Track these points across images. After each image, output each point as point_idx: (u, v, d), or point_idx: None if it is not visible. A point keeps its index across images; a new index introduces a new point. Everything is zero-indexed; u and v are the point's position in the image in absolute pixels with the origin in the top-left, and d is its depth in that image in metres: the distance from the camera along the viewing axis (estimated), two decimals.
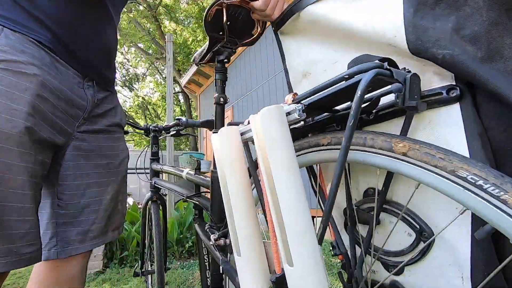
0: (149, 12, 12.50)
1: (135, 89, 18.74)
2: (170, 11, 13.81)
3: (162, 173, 1.35)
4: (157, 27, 13.14)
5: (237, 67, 6.05)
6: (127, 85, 18.12)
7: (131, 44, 14.82)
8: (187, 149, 15.96)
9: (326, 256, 2.79)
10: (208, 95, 7.52)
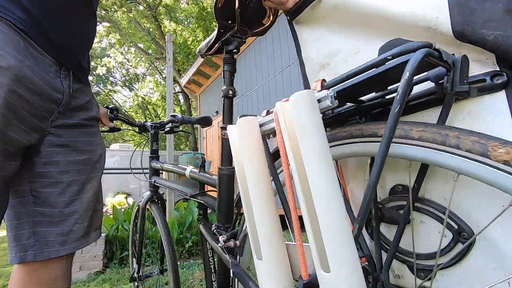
0: (149, 12, 12.44)
1: (135, 89, 18.68)
2: (170, 11, 13.76)
3: (163, 171, 1.30)
4: (157, 27, 13.08)
5: (236, 68, 6.01)
6: (127, 85, 18.06)
7: (131, 44, 14.76)
8: (187, 149, 15.90)
9: None
10: (208, 95, 7.47)
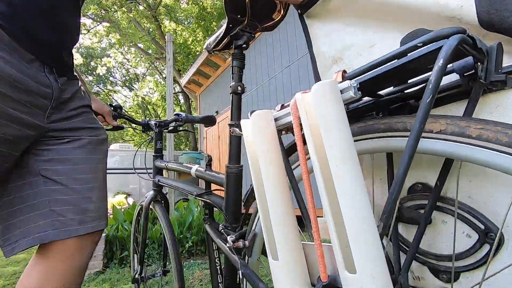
0: (149, 12, 12.42)
1: (135, 89, 18.64)
2: (170, 11, 13.73)
3: (167, 170, 1.28)
4: (157, 27, 13.05)
5: None
6: (127, 85, 18.02)
7: (131, 44, 14.73)
8: (187, 149, 15.86)
9: None
10: (208, 95, 7.45)
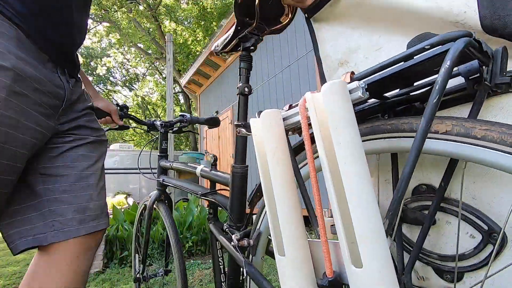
0: (149, 12, 12.43)
1: (135, 89, 18.65)
2: (170, 11, 13.75)
3: (172, 170, 1.29)
4: (157, 27, 13.07)
5: (236, 67, 6.00)
6: (127, 85, 18.01)
7: (131, 44, 14.73)
8: (187, 149, 15.87)
9: None
10: (209, 95, 7.45)
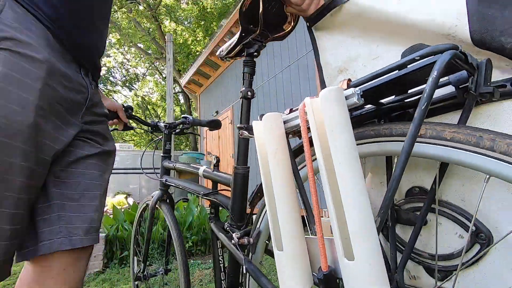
0: (149, 12, 12.46)
1: (135, 89, 18.65)
2: (170, 11, 13.78)
3: (175, 171, 1.31)
4: (157, 27, 13.10)
5: (236, 68, 6.02)
6: (127, 85, 18.03)
7: (131, 44, 14.76)
8: (187, 149, 15.89)
9: None
10: (208, 95, 7.48)
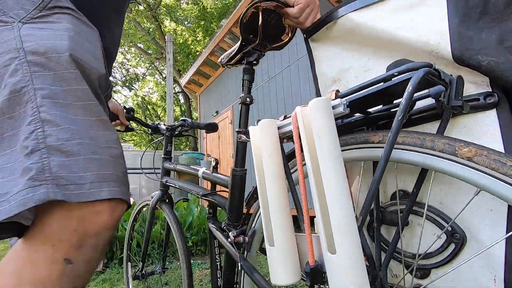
0: (149, 12, 12.50)
1: (135, 89, 18.68)
2: (170, 11, 13.82)
3: (175, 172, 1.35)
4: (157, 27, 13.14)
5: (237, 68, 6.06)
6: (127, 85, 18.05)
7: (131, 44, 14.79)
8: (187, 149, 15.93)
9: None
10: (208, 95, 7.51)
